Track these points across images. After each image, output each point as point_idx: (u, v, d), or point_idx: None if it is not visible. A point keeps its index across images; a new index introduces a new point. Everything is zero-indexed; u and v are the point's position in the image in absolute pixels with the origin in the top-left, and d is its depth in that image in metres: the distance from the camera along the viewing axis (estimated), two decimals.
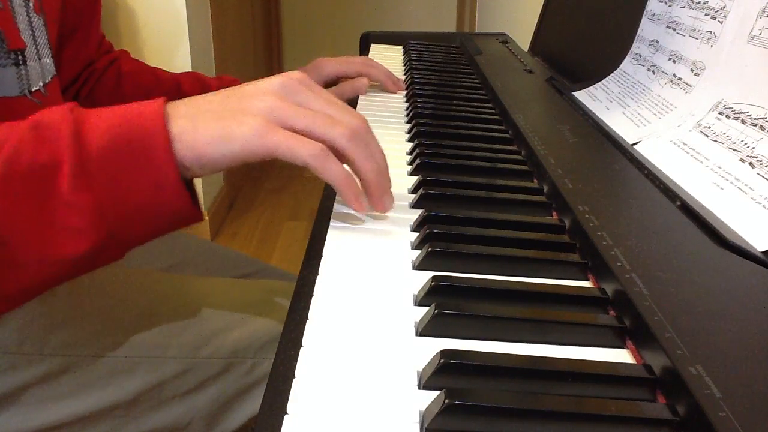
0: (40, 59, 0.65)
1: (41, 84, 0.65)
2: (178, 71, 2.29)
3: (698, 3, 0.64)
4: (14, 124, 0.41)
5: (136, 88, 0.86)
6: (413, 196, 0.53)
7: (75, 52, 0.81)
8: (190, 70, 2.08)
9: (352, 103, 0.84)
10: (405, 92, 0.88)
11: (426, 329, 0.35)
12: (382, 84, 0.87)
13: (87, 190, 0.39)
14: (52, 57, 0.67)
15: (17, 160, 0.39)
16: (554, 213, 0.51)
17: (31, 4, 0.64)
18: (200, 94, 0.87)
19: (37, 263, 0.41)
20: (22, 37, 0.61)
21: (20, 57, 0.61)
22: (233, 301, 0.70)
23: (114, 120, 0.41)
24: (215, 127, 0.41)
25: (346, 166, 0.46)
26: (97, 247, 0.41)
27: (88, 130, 0.40)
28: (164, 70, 0.89)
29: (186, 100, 0.43)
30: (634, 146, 0.61)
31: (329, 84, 0.87)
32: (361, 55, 1.15)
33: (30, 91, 0.62)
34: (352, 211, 0.50)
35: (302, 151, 0.41)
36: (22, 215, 0.39)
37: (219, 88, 0.86)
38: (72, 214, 0.40)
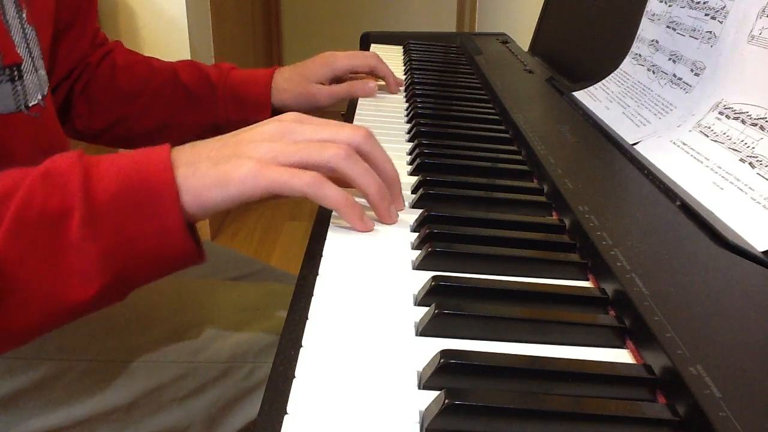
0: (36, 71, 0.64)
1: (40, 97, 0.64)
2: None
3: (698, 3, 0.64)
4: (25, 170, 0.42)
5: (131, 80, 0.84)
6: (413, 196, 0.53)
7: (70, 47, 0.80)
8: None
9: (353, 103, 0.83)
10: (405, 92, 0.88)
11: (426, 329, 0.35)
12: (386, 80, 0.87)
13: (96, 237, 0.41)
14: (44, 67, 0.66)
15: (29, 207, 0.40)
16: (554, 213, 0.51)
17: (24, 15, 0.62)
18: (198, 82, 0.84)
19: (45, 306, 0.42)
20: (18, 51, 0.60)
21: (16, 72, 0.60)
22: (232, 305, 0.70)
23: (122, 167, 0.42)
24: (214, 172, 0.43)
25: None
26: (104, 291, 0.42)
27: (97, 177, 0.42)
28: (159, 60, 0.87)
29: (188, 146, 0.45)
30: (634, 146, 0.61)
31: (339, 79, 0.86)
32: None
33: (27, 106, 0.62)
34: None
35: (297, 182, 0.42)
36: (33, 261, 0.40)
37: (217, 75, 0.84)
38: (81, 260, 0.41)
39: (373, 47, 1.17)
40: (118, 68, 0.84)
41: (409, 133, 0.70)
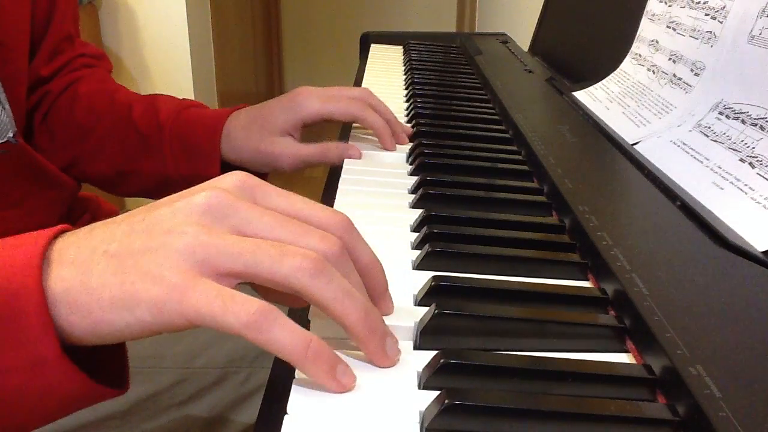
0: (3, 108, 0.59)
1: (11, 134, 0.60)
2: (178, 70, 2.27)
3: (698, 3, 0.64)
4: None
5: (89, 112, 0.71)
6: (413, 196, 0.53)
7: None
8: (190, 70, 2.09)
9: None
10: (405, 92, 0.88)
11: (426, 329, 0.35)
12: (377, 136, 0.65)
13: None
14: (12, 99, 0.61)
15: None
16: (554, 213, 0.51)
17: None
18: (148, 122, 0.69)
19: None
20: None
21: None
22: None
23: None
24: (114, 284, 0.30)
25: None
26: None
27: None
28: (127, 92, 0.74)
29: (80, 236, 0.32)
30: (634, 146, 0.61)
31: (310, 126, 0.66)
32: (361, 55, 1.14)
33: None
34: (351, 212, 0.50)
35: (229, 318, 0.29)
36: None
37: (167, 115, 0.68)
38: None
39: (373, 47, 1.17)
40: (79, 98, 0.71)
41: None
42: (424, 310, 0.36)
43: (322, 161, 0.64)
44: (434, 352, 0.32)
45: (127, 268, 0.30)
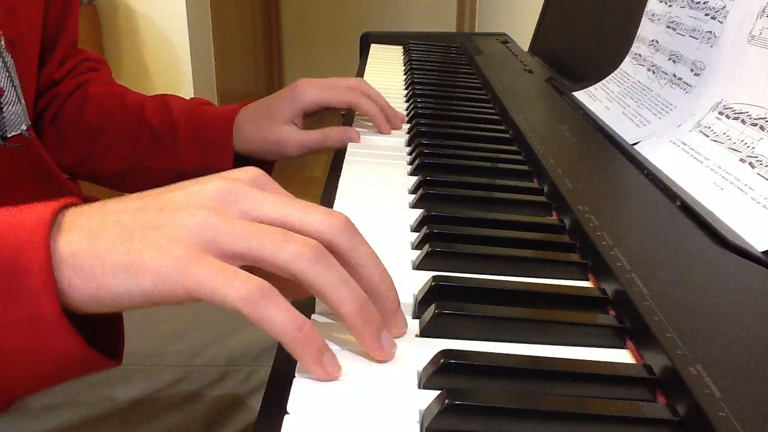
0: (19, 100, 0.60)
1: (24, 127, 0.60)
2: (177, 70, 2.27)
3: (698, 3, 0.64)
4: None
5: (100, 113, 0.73)
6: (413, 196, 0.53)
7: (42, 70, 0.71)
8: (190, 70, 2.09)
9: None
10: (405, 93, 0.88)
11: (426, 329, 0.35)
12: (372, 121, 0.70)
13: None
14: (24, 96, 0.62)
15: None
16: (554, 213, 0.51)
17: (2, 42, 0.58)
18: (162, 120, 0.72)
19: None
20: None
21: None
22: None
23: None
24: (120, 250, 0.30)
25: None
26: None
27: None
28: (135, 94, 0.77)
29: (93, 207, 0.33)
30: (634, 146, 0.61)
31: (310, 114, 0.71)
32: (361, 55, 1.14)
33: (4, 137, 0.58)
34: (351, 212, 0.50)
35: (228, 291, 0.30)
36: None
37: (181, 112, 0.71)
38: None
39: (373, 47, 1.17)
40: (89, 100, 0.74)
41: (409, 133, 0.70)
42: (424, 309, 0.36)
43: (324, 145, 0.68)
44: (434, 352, 0.32)
45: (135, 237, 0.31)
